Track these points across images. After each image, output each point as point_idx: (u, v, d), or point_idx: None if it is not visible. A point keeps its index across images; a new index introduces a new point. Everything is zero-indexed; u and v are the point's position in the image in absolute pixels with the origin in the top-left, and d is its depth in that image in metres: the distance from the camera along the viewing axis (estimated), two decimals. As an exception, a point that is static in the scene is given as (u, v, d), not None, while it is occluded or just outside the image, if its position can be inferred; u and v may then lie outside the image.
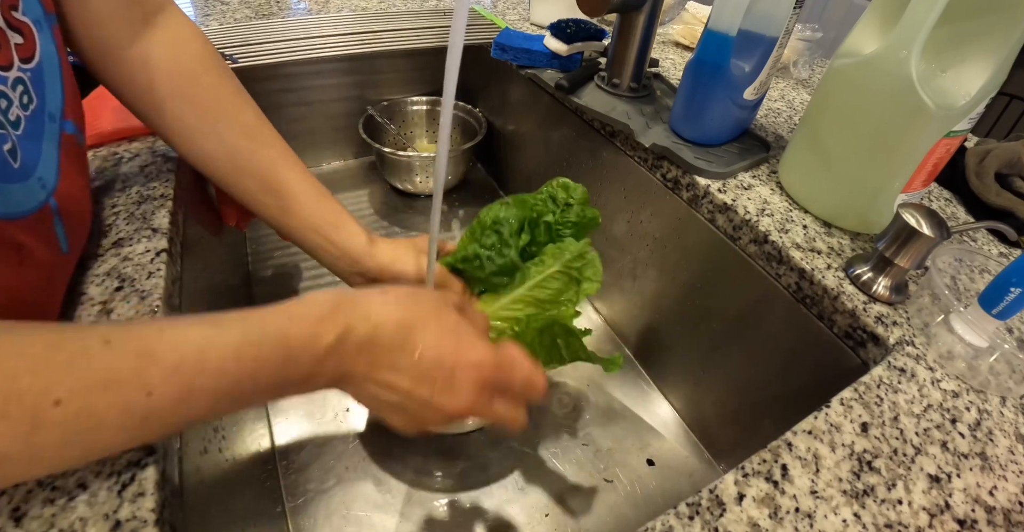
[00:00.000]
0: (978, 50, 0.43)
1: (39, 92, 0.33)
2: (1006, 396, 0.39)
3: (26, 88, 0.32)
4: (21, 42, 0.31)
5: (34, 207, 0.32)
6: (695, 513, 0.31)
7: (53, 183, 0.34)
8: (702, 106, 0.57)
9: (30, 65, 0.32)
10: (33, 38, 0.32)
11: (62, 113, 0.36)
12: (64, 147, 0.36)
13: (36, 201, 0.32)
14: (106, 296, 0.38)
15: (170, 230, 0.44)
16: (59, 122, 0.35)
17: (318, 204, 0.46)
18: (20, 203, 0.31)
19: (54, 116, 0.35)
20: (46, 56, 0.33)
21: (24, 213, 0.31)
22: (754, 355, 0.54)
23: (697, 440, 0.63)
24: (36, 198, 0.32)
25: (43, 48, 0.33)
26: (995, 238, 0.55)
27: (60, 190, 0.34)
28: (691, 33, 0.88)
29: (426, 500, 0.55)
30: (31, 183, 0.32)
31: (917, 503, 0.32)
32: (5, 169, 0.29)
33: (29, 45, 0.32)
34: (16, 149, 0.31)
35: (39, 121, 0.33)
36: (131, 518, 0.27)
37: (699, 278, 0.59)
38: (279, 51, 0.80)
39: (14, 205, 0.30)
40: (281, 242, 0.81)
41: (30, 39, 0.32)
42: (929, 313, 0.43)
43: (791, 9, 0.51)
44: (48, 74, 0.34)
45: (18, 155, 0.31)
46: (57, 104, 0.35)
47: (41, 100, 0.33)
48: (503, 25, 0.90)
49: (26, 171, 0.31)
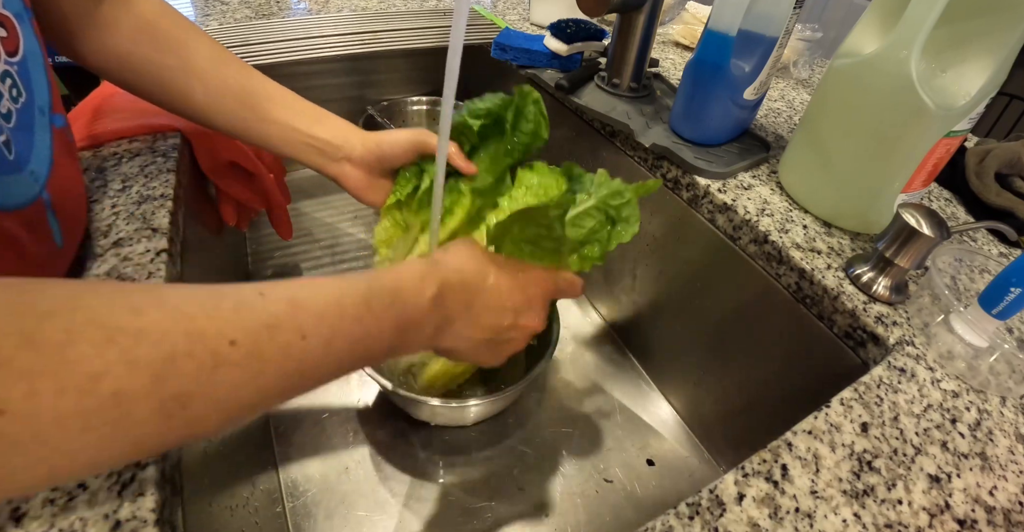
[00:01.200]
0: (978, 50, 0.43)
1: (27, 85, 0.33)
2: (1006, 396, 0.39)
3: (14, 81, 0.32)
4: (5, 35, 0.31)
5: (28, 200, 0.32)
6: (695, 513, 0.31)
7: (45, 176, 0.34)
8: (702, 106, 0.57)
9: (16, 58, 0.32)
10: (16, 31, 0.32)
11: (50, 107, 0.36)
12: (56, 140, 0.36)
13: (30, 194, 0.32)
14: (106, 296, 0.38)
15: (170, 230, 0.44)
16: (49, 116, 0.35)
17: (295, 104, 0.47)
18: (14, 195, 0.31)
19: (43, 110, 0.35)
20: (29, 50, 0.33)
21: (18, 205, 0.31)
22: (754, 355, 0.54)
23: (697, 440, 0.63)
24: (30, 191, 0.32)
25: (26, 41, 0.33)
26: (995, 238, 0.55)
27: (52, 183, 0.35)
28: (691, 33, 0.88)
29: (426, 500, 0.55)
30: (24, 176, 0.32)
31: (917, 503, 0.32)
32: (1, 161, 0.29)
33: (13, 38, 0.32)
34: (9, 141, 0.31)
35: (29, 114, 0.33)
36: (131, 518, 0.27)
37: (699, 278, 0.59)
38: (279, 51, 0.81)
39: (8, 197, 0.30)
40: (281, 242, 0.81)
41: (13, 32, 0.32)
42: (929, 313, 0.43)
43: (791, 9, 0.51)
44: (33, 68, 0.34)
45: (11, 147, 0.31)
46: (45, 98, 0.35)
47: (30, 94, 0.33)
48: (503, 25, 0.90)
49: (20, 163, 0.31)
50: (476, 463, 0.58)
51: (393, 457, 0.58)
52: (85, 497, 0.28)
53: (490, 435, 0.61)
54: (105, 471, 0.29)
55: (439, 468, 0.58)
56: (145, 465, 0.29)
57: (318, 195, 0.91)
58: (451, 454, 0.59)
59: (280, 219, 0.69)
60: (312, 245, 0.83)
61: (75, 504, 0.27)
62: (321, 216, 0.88)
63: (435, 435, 0.60)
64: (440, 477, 0.57)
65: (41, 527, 0.26)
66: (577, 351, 0.72)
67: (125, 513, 0.27)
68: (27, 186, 0.32)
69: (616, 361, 0.71)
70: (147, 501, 0.28)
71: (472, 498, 0.55)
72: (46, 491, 0.28)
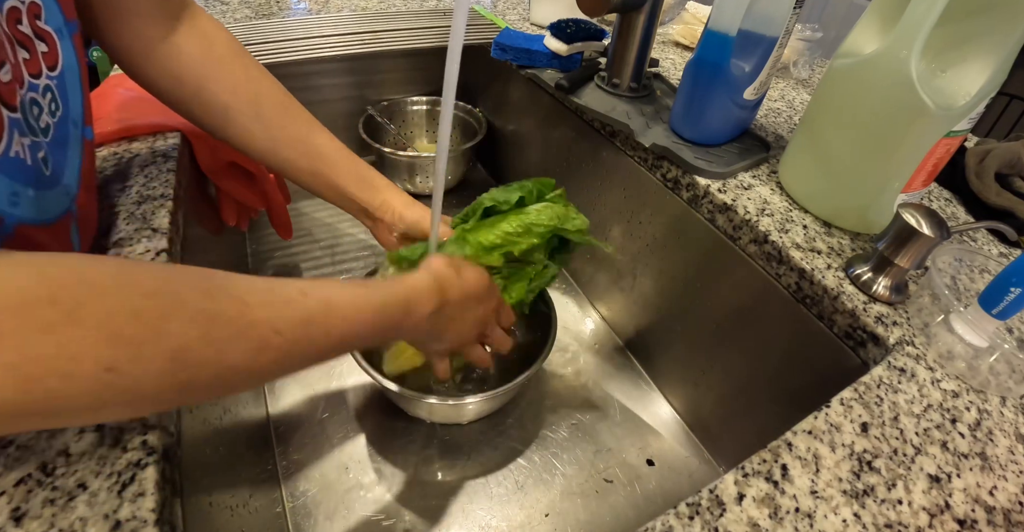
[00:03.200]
0: (978, 50, 0.43)
1: (63, 99, 0.33)
2: (1006, 396, 0.39)
3: (53, 96, 0.32)
4: (46, 50, 0.32)
5: (59, 214, 0.32)
6: (695, 513, 0.31)
7: (75, 190, 0.35)
8: (702, 106, 0.57)
9: (55, 73, 0.32)
10: (56, 46, 0.32)
11: (83, 119, 0.36)
12: (86, 152, 0.36)
13: (62, 208, 0.33)
14: (106, 296, 0.38)
15: (170, 230, 0.44)
16: (81, 128, 0.36)
17: (351, 168, 0.50)
18: (49, 210, 0.31)
19: (77, 122, 0.35)
20: (68, 64, 0.34)
21: (50, 220, 0.31)
22: (754, 355, 0.54)
23: (697, 440, 0.63)
24: (62, 205, 0.33)
25: (65, 56, 0.33)
26: (995, 238, 0.55)
27: (80, 197, 0.35)
28: (691, 33, 0.88)
29: (426, 500, 0.55)
30: (59, 190, 0.32)
31: (917, 503, 0.32)
32: (39, 176, 0.30)
33: (52, 53, 0.32)
34: (47, 156, 0.31)
35: (64, 128, 0.33)
36: (131, 518, 0.27)
37: (699, 278, 0.59)
38: (279, 51, 0.81)
39: (45, 212, 0.31)
40: (281, 242, 0.81)
41: (53, 47, 0.32)
42: (929, 313, 0.43)
43: (791, 9, 0.51)
44: (70, 81, 0.34)
45: (48, 162, 0.31)
46: (79, 111, 0.35)
47: (66, 107, 0.34)
48: (503, 25, 0.90)
49: (56, 178, 0.32)
50: (476, 463, 0.58)
51: (393, 457, 0.58)
52: (85, 497, 0.28)
53: (490, 435, 0.61)
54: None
55: (439, 468, 0.58)
56: (145, 465, 0.29)
57: (318, 195, 0.91)
58: (451, 454, 0.59)
59: (280, 219, 0.69)
60: (312, 245, 0.83)
61: (75, 504, 0.27)
62: (321, 216, 0.88)
63: (435, 435, 0.60)
64: (440, 477, 0.57)
65: (41, 527, 0.26)
66: (577, 351, 0.72)
67: (125, 513, 0.27)
68: (60, 201, 0.33)
69: (616, 361, 0.71)
70: (147, 501, 0.28)
71: (472, 498, 0.55)
72: (46, 491, 0.28)
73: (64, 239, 0.34)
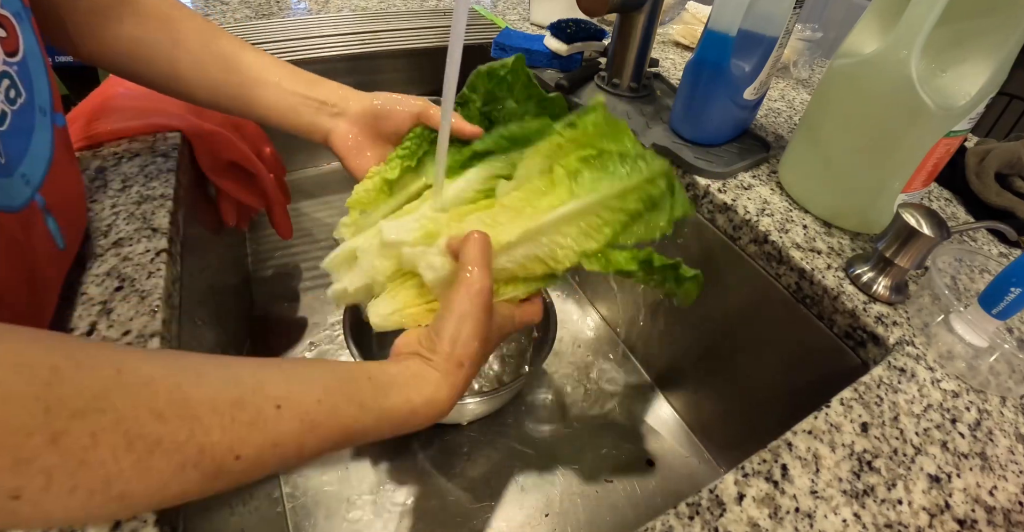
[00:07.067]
0: (978, 50, 0.43)
1: (27, 86, 0.32)
2: (1006, 396, 0.39)
3: (13, 82, 0.31)
4: (4, 36, 0.31)
5: (21, 203, 0.32)
6: (695, 513, 0.31)
7: (40, 178, 0.33)
8: (702, 106, 0.57)
9: (16, 59, 0.32)
10: (15, 31, 0.32)
11: (52, 106, 0.35)
12: (57, 140, 0.35)
13: (22, 197, 0.32)
14: (106, 296, 0.38)
15: (170, 230, 0.44)
16: (50, 115, 0.35)
17: (290, 67, 0.45)
18: (11, 197, 0.30)
19: (45, 109, 0.34)
20: (29, 49, 0.33)
21: (10, 208, 0.31)
22: (754, 355, 0.54)
23: (697, 440, 0.63)
24: (21, 195, 0.32)
25: (26, 41, 0.33)
26: (995, 238, 0.55)
27: (49, 185, 0.34)
28: (691, 33, 0.88)
29: (426, 500, 0.55)
30: (15, 180, 0.31)
31: (917, 503, 0.32)
32: None
33: (12, 39, 0.31)
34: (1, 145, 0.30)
35: (29, 115, 0.33)
36: (131, 518, 0.27)
37: (699, 278, 0.59)
38: (279, 51, 0.80)
39: (8, 198, 0.30)
40: (281, 242, 0.81)
41: (12, 33, 0.31)
42: (929, 313, 0.43)
43: (791, 9, 0.51)
44: (34, 68, 0.33)
45: (2, 151, 0.30)
46: (46, 97, 0.35)
47: (30, 94, 0.33)
48: (503, 25, 0.90)
49: (9, 167, 0.31)
50: (476, 463, 0.58)
51: (393, 458, 0.58)
52: (85, 497, 0.28)
53: (490, 435, 0.61)
54: None
55: (439, 468, 0.57)
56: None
57: (318, 195, 0.91)
58: (451, 454, 0.59)
59: (280, 219, 0.69)
60: (312, 245, 0.83)
61: (75, 504, 0.27)
62: (321, 216, 0.88)
63: (435, 436, 0.60)
64: (440, 477, 0.57)
65: (41, 527, 0.26)
66: (577, 351, 0.72)
67: (125, 513, 0.27)
68: (18, 190, 0.32)
69: (616, 361, 0.71)
70: (147, 501, 0.28)
71: (472, 498, 0.55)
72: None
73: (37, 229, 0.33)
